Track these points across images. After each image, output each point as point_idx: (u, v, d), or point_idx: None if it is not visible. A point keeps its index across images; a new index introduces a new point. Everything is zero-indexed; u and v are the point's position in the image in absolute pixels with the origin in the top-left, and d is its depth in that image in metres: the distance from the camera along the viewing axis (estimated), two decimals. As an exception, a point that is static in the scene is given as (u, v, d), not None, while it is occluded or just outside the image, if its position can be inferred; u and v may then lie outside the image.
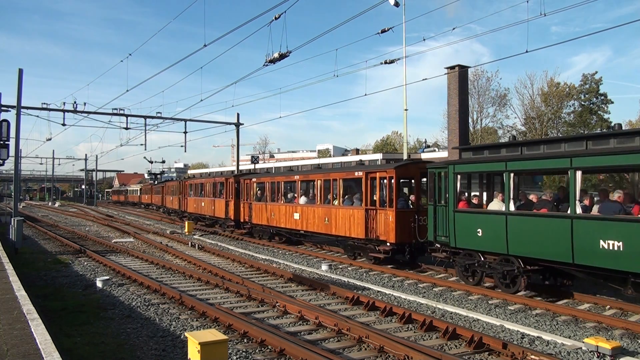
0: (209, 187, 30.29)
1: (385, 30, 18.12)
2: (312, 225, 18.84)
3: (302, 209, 19.52)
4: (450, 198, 12.68)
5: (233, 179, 26.54)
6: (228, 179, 27.14)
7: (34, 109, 28.43)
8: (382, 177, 15.69)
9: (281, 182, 21.64)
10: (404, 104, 26.13)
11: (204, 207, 31.17)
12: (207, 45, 16.91)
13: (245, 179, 25.05)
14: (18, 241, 17.57)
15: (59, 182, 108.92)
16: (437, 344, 7.88)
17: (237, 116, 35.91)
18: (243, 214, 24.97)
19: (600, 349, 7.24)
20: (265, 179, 23.25)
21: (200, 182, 33.51)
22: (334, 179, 17.76)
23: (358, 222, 16.19)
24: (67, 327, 8.76)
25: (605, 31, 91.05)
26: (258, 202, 23.20)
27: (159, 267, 15.63)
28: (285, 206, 20.85)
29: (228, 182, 26.98)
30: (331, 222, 17.56)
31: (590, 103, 53.61)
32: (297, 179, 20.38)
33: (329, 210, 17.70)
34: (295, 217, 19.90)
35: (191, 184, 35.60)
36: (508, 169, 11.28)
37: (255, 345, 7.72)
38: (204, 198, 31.24)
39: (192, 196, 34.29)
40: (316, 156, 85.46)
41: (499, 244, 11.34)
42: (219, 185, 28.49)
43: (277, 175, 23.32)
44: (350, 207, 16.74)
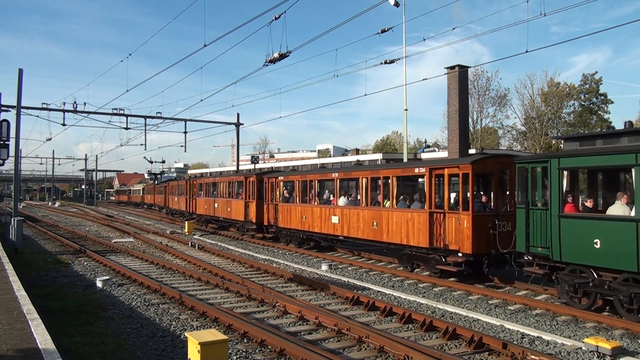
0: (224, 186, 27.88)
1: (385, 30, 18.11)
2: (355, 230, 16.45)
3: (342, 211, 17.12)
4: (554, 200, 10.32)
5: (255, 178, 23.73)
6: (248, 178, 24.46)
7: (34, 109, 28.46)
8: (452, 174, 13.16)
9: (314, 181, 19.14)
10: (404, 104, 26.15)
11: (217, 209, 28.67)
12: (207, 45, 16.90)
13: (270, 178, 22.31)
14: (18, 241, 17.57)
15: (59, 182, 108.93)
16: (437, 344, 7.88)
17: (237, 116, 35.93)
18: (267, 216, 22.38)
19: (600, 349, 7.24)
20: (294, 178, 20.69)
21: (212, 181, 31.06)
22: (385, 177, 15.46)
23: (419, 228, 13.68)
24: (67, 327, 8.76)
25: (605, 31, 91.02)
26: (286, 203, 20.86)
27: (159, 267, 15.64)
28: (320, 208, 18.48)
29: (248, 182, 24.35)
30: (381, 227, 15.15)
31: (590, 103, 53.65)
32: (335, 177, 17.89)
33: (379, 214, 15.28)
34: (333, 221, 17.52)
35: (201, 184, 32.98)
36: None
37: (255, 345, 7.72)
38: (217, 199, 28.70)
39: (203, 197, 31.76)
40: (316, 156, 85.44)
41: (625, 259, 8.97)
42: (236, 184, 26.21)
43: (309, 173, 21.19)
44: (409, 210, 14.25)
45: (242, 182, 25.27)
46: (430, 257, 13.56)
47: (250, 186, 24.14)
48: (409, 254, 14.50)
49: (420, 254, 14.03)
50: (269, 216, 22.27)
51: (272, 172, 25.22)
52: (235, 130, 36.07)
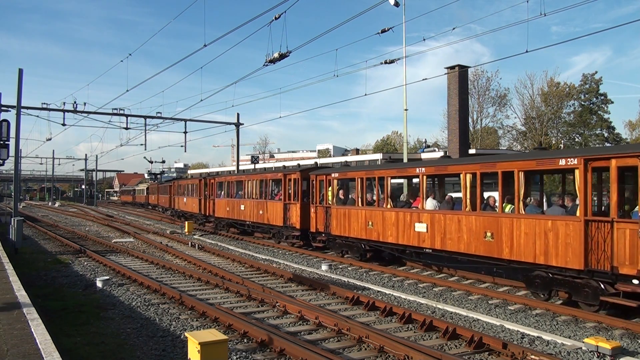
0: (254, 185, 23.90)
1: (385, 30, 18.12)
2: (453, 241, 12.71)
3: (432, 217, 13.39)
4: None
5: (299, 175, 19.84)
6: (289, 175, 20.63)
7: (34, 109, 28.47)
8: (623, 167, 9.48)
9: (386, 179, 15.26)
10: (404, 104, 26.11)
11: (244, 211, 24.71)
12: (207, 45, 16.91)
13: (319, 175, 18.54)
14: (18, 241, 17.57)
15: (59, 182, 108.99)
16: (437, 344, 7.88)
17: (237, 116, 35.94)
18: (316, 221, 18.54)
19: (600, 349, 7.24)
20: (355, 174, 16.79)
21: (236, 179, 26.85)
22: (507, 172, 11.49)
23: (566, 242, 10.12)
24: (67, 327, 8.76)
25: (605, 31, 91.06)
26: (342, 206, 17.16)
27: (159, 267, 15.63)
28: (397, 213, 14.66)
29: (289, 180, 20.59)
30: (499, 239, 11.51)
31: (590, 103, 53.70)
32: (420, 173, 13.97)
33: (496, 221, 11.63)
34: (418, 229, 13.82)
35: (221, 183, 28.72)
36: None
37: (255, 345, 7.72)
38: (244, 200, 24.79)
39: (223, 197, 27.81)
40: (316, 156, 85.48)
41: None
42: (272, 183, 22.63)
43: (377, 168, 17.54)
44: (547, 217, 10.68)
45: (280, 180, 21.38)
46: (587, 285, 9.90)
47: (292, 185, 20.28)
48: (545, 277, 10.81)
49: (565, 278, 10.39)
50: (318, 221, 18.50)
51: (321, 168, 21.06)
52: (235, 130, 36.08)
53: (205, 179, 31.89)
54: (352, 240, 16.87)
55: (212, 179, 30.60)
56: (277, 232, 21.88)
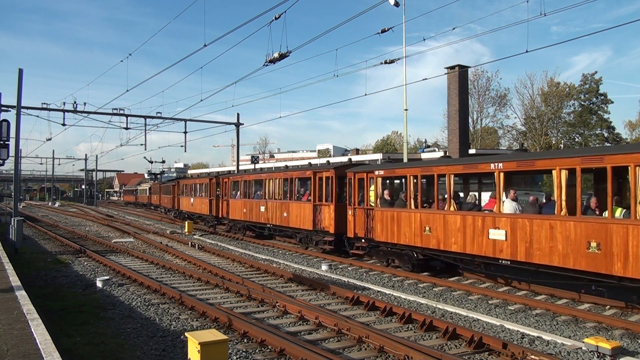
0: (277, 185, 21.83)
1: (385, 30, 18.13)
2: (543, 252, 10.57)
3: (513, 222, 11.20)
4: None
5: (332, 173, 17.66)
6: (320, 173, 18.53)
7: (34, 109, 28.49)
8: None
9: (448, 176, 12.90)
10: (404, 104, 26.12)
11: (264, 213, 22.75)
12: (207, 45, 16.91)
13: (359, 173, 16.40)
14: (18, 241, 17.57)
15: (59, 182, 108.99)
16: (437, 344, 7.88)
17: (237, 116, 35.95)
18: (354, 225, 16.48)
19: (600, 349, 7.24)
20: (406, 171, 14.61)
21: (255, 178, 24.64)
22: (619, 167, 9.57)
23: None
24: (67, 327, 8.76)
25: (605, 31, 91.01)
26: (388, 208, 15.10)
27: (159, 267, 15.63)
28: (463, 217, 12.45)
29: (320, 178, 18.44)
30: (608, 251, 9.38)
31: (590, 103, 53.71)
32: (497, 169, 11.67)
33: (604, 229, 9.51)
34: (493, 237, 11.63)
35: (237, 182, 26.48)
36: None
37: (255, 345, 7.72)
38: (265, 200, 22.70)
39: (239, 198, 25.69)
40: (316, 156, 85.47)
41: None
42: (298, 182, 20.74)
43: (435, 164, 14.37)
44: None
45: (308, 178, 19.45)
46: None
47: (324, 184, 18.18)
48: None
49: None
50: (357, 226, 16.35)
51: (361, 165, 18.77)
52: (235, 130, 36.08)
53: (218, 178, 29.57)
54: (401, 248, 14.57)
55: (225, 177, 28.14)
56: (304, 236, 19.59)
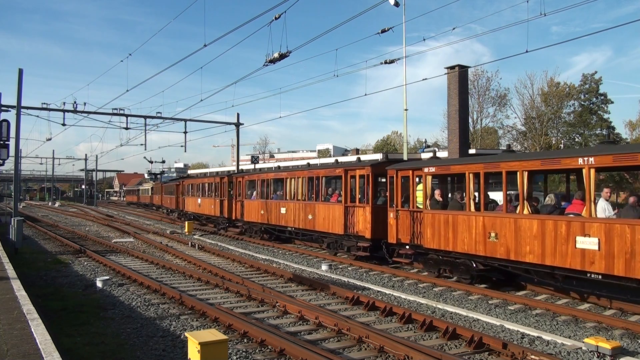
0: (300, 184, 19.82)
1: (385, 30, 18.13)
2: None
3: (608, 228, 9.37)
4: None
5: (370, 171, 15.65)
6: (353, 171, 16.53)
7: (34, 109, 28.53)
8: None
9: (522, 173, 11.04)
10: (404, 104, 26.15)
11: (285, 215, 20.82)
12: (207, 45, 16.89)
13: (403, 170, 14.39)
14: (18, 241, 17.57)
15: (59, 182, 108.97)
16: (437, 344, 7.88)
17: (237, 116, 35.98)
18: (396, 230, 14.47)
19: (600, 349, 7.24)
20: (465, 168, 12.48)
21: (275, 177, 22.57)
22: None
23: None
24: (67, 327, 8.76)
25: (606, 31, 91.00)
26: (440, 210, 13.20)
27: (159, 267, 15.63)
28: (541, 222, 10.57)
29: (351, 176, 16.62)
30: None
31: (590, 103, 53.67)
32: (587, 166, 9.79)
33: None
34: (581, 245, 9.75)
35: (252, 181, 24.41)
36: None
37: (255, 345, 7.72)
38: (286, 202, 20.74)
39: (257, 198, 23.62)
40: (316, 156, 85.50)
41: None
42: (325, 181, 18.70)
43: (503, 159, 11.97)
44: None
45: (338, 177, 17.87)
46: None
47: (359, 183, 16.30)
48: None
49: None
50: (400, 230, 14.36)
51: (402, 161, 16.83)
52: (235, 130, 36.10)
53: (230, 177, 27.47)
54: (456, 256, 12.68)
55: (239, 176, 26.13)
56: (333, 241, 17.74)
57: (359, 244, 16.22)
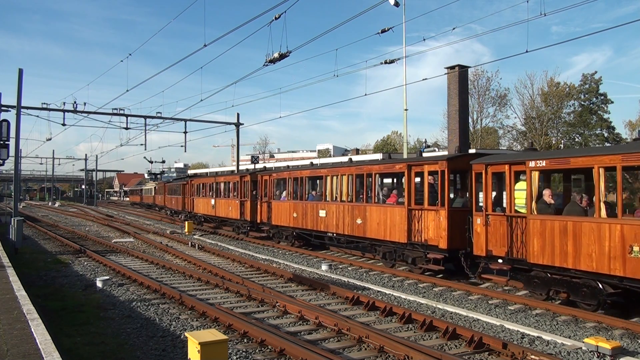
0: (345, 182, 17.09)
1: (385, 30, 18.11)
2: None
3: None
4: None
5: (444, 166, 12.94)
6: (420, 167, 13.79)
7: (34, 109, 28.52)
8: None
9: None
10: (404, 104, 26.15)
11: (325, 219, 18.01)
12: (207, 45, 16.90)
13: (494, 165, 11.95)
14: (18, 241, 17.57)
15: (59, 182, 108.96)
16: (437, 344, 7.88)
17: (237, 116, 35.97)
18: (485, 239, 11.85)
19: (600, 349, 7.24)
20: (587, 161, 9.98)
21: (312, 174, 19.87)
22: None
23: None
24: (67, 327, 8.76)
25: (606, 31, 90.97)
26: (553, 215, 10.57)
27: (159, 267, 15.63)
28: None
29: (416, 172, 13.94)
30: None
31: (590, 103, 53.65)
32: None
33: None
34: None
35: (282, 180, 21.79)
36: None
37: (255, 345, 7.72)
38: (325, 203, 17.94)
39: (286, 199, 20.93)
40: (316, 156, 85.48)
41: None
42: (379, 178, 16.30)
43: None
44: None
45: (399, 174, 15.74)
46: None
47: (426, 181, 13.62)
48: None
49: None
50: (490, 239, 11.81)
51: (491, 154, 14.55)
52: (235, 130, 36.09)
53: (254, 175, 24.65)
54: (577, 275, 10.06)
55: (266, 174, 23.15)
56: (390, 251, 15.06)
57: (430, 255, 13.41)
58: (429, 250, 13.47)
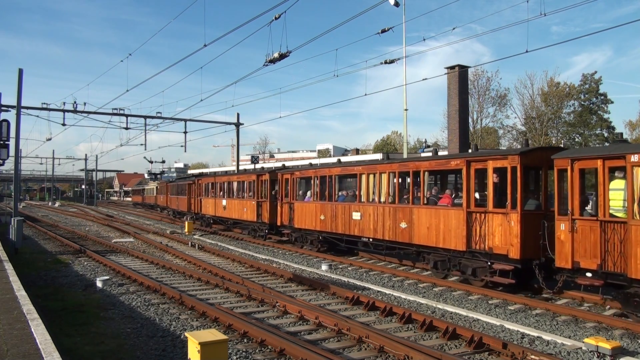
0: (382, 180, 15.19)
1: (385, 30, 18.14)
2: None
3: None
4: None
5: (515, 161, 11.12)
6: (480, 163, 12.08)
7: (34, 109, 28.51)
8: None
9: None
10: (404, 104, 26.13)
11: (358, 222, 16.09)
12: (207, 45, 16.92)
13: (583, 160, 10.17)
14: (18, 241, 17.57)
15: (59, 182, 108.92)
16: (437, 344, 7.88)
17: (237, 116, 35.97)
18: (572, 248, 10.10)
19: (600, 349, 7.24)
20: None
21: (343, 172, 17.69)
22: None
23: None
24: (67, 327, 8.76)
25: (606, 31, 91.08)
26: None
27: (159, 267, 15.63)
28: None
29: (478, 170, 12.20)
30: None
31: (590, 103, 53.64)
32: None
33: None
34: None
35: (307, 179, 20.01)
36: None
37: (255, 345, 7.72)
38: (357, 204, 16.17)
39: (311, 200, 18.98)
40: (316, 156, 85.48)
41: None
42: (427, 176, 13.89)
43: None
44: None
45: (453, 171, 13.97)
46: None
47: (510, 180, 11.26)
48: None
49: None
50: (578, 249, 10.01)
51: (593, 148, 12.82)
52: (235, 130, 36.09)
53: (274, 173, 22.51)
54: None
55: (287, 173, 21.02)
56: (444, 259, 13.09)
57: (496, 266, 11.48)
58: (494, 259, 11.54)
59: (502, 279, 11.44)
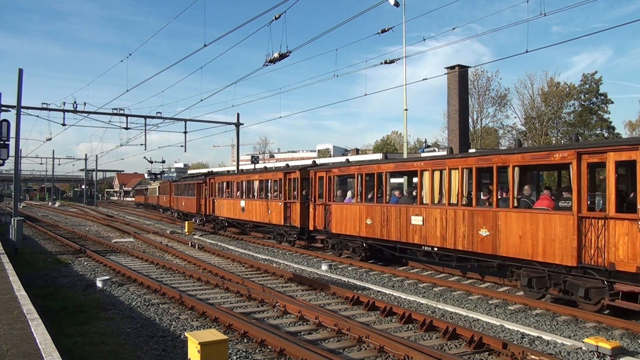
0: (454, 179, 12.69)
1: (385, 30, 18.15)
2: None
3: None
4: None
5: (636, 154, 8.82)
6: (597, 154, 9.59)
7: (34, 109, 28.51)
8: None
9: None
10: (404, 104, 26.12)
11: (418, 228, 13.66)
12: (207, 45, 16.93)
13: None
14: (18, 241, 17.57)
15: (59, 182, 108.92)
16: (437, 344, 7.88)
17: (237, 116, 35.97)
18: None
19: (600, 349, 7.24)
20: None
21: (394, 169, 15.24)
22: None
23: None
24: (67, 327, 8.76)
25: (606, 31, 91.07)
26: None
27: (159, 267, 15.63)
28: None
29: (590, 164, 9.83)
30: None
31: (590, 103, 53.66)
32: None
33: None
34: None
35: (344, 177, 18.14)
36: None
37: (255, 345, 7.72)
38: (415, 206, 13.82)
39: (351, 201, 16.69)
40: (316, 156, 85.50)
41: None
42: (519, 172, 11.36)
43: None
44: None
45: (561, 164, 11.06)
46: None
47: (613, 178, 9.25)
48: None
49: None
50: None
51: None
52: (235, 130, 36.09)
53: (305, 171, 19.71)
54: None
55: (321, 170, 18.36)
56: (542, 276, 10.71)
57: (619, 287, 9.18)
58: (616, 278, 9.17)
59: (629, 304, 9.02)
